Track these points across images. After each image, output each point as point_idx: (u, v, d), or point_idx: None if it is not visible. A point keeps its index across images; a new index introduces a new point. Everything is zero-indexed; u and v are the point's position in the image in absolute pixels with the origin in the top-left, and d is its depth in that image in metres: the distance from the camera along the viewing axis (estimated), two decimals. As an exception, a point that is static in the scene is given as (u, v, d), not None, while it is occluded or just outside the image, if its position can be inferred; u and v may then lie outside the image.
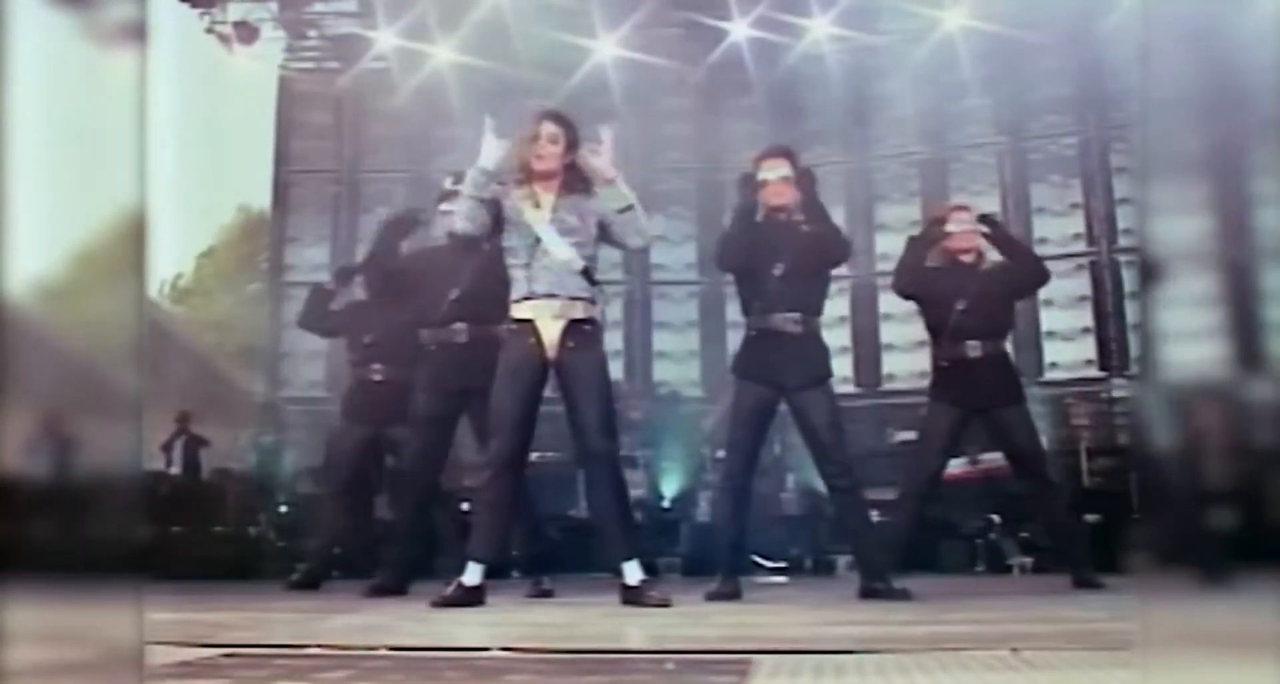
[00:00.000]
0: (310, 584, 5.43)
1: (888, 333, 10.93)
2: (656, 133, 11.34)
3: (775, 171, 4.42)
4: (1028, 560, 7.07)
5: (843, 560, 7.22)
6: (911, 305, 10.77)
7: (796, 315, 4.33)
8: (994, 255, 5.02)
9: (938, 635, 2.63)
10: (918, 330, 10.69)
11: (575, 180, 4.09)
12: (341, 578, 6.03)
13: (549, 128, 4.07)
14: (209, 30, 10.49)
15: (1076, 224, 10.57)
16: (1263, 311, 1.53)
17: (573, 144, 4.08)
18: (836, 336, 9.12)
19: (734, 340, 11.04)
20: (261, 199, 20.63)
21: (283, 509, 7.99)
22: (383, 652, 2.39)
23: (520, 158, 4.08)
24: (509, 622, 3.37)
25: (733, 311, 11.26)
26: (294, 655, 2.35)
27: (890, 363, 10.90)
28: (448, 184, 5.02)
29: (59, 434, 1.38)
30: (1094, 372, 10.39)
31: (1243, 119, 1.59)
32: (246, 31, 10.64)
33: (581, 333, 3.98)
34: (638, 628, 2.97)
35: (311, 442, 9.32)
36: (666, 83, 11.37)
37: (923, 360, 10.87)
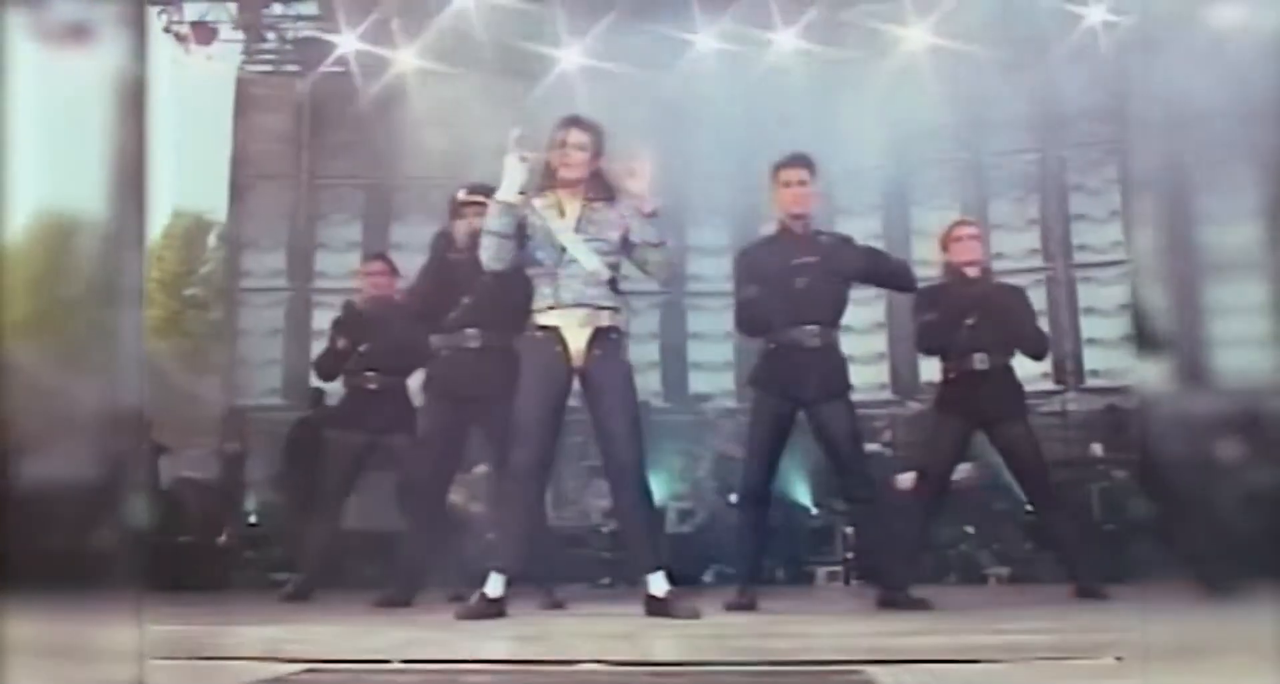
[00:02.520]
0: (302, 596, 5.32)
1: (847, 345, 11.00)
2: (616, 141, 11.32)
3: (795, 178, 4.42)
4: (1004, 571, 7.16)
5: (822, 571, 7.25)
6: (872, 318, 11.00)
7: (816, 328, 4.34)
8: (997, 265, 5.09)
9: (1022, 645, 2.64)
10: (879, 342, 10.96)
11: (600, 188, 4.03)
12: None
13: (576, 135, 4.00)
14: (166, 29, 10.25)
15: (1033, 240, 10.77)
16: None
17: (599, 151, 4.03)
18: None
19: (695, 351, 11.27)
20: (200, 203, 20.33)
21: (251, 519, 7.82)
22: (473, 666, 2.34)
23: (546, 165, 4.03)
24: (566, 633, 3.31)
25: (694, 322, 11.41)
26: (384, 671, 2.29)
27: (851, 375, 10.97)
28: (461, 195, 4.94)
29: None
30: (1049, 385, 10.56)
31: (1194, 136, 1.63)
32: (204, 32, 10.44)
33: (608, 341, 3.93)
34: (710, 640, 2.94)
35: (270, 451, 9.15)
36: (629, 93, 11.36)
37: (883, 373, 11.04)
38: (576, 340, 3.89)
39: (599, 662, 2.28)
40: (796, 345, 4.34)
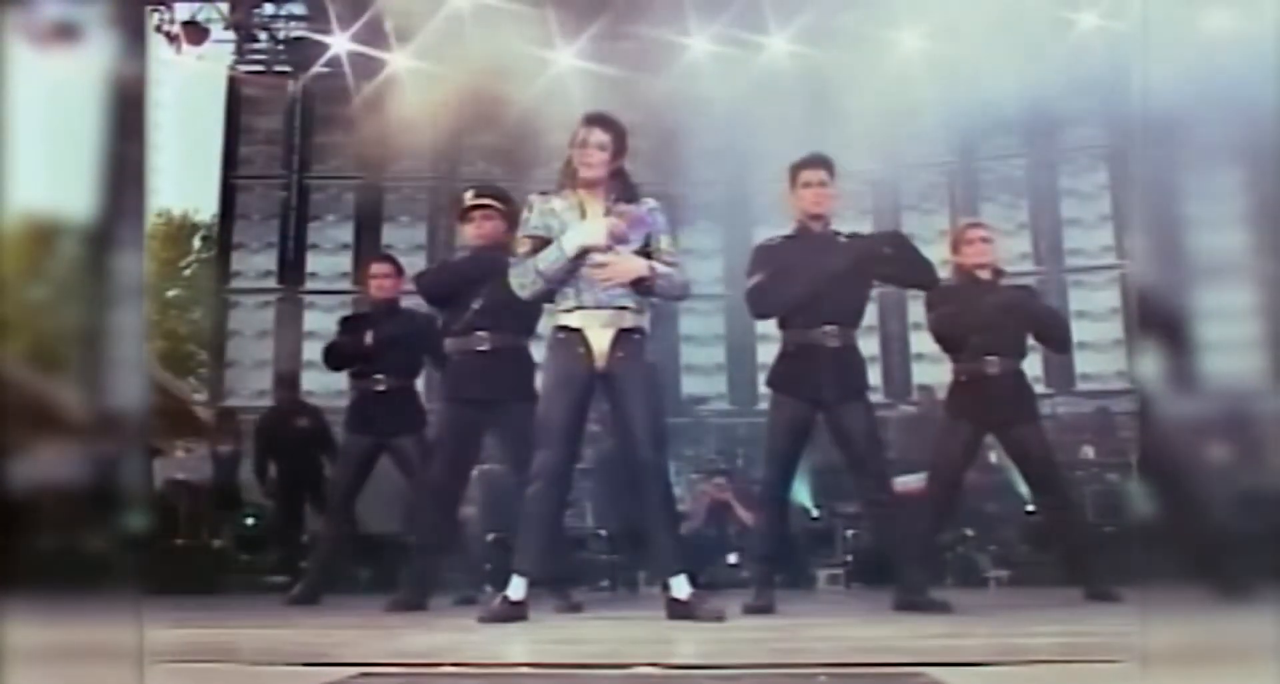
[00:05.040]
0: (310, 599, 5.28)
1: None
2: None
3: (815, 179, 4.41)
4: (1004, 573, 7.17)
5: (823, 574, 7.24)
6: (864, 321, 10.98)
7: (835, 328, 4.33)
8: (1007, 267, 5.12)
9: (1066, 646, 2.64)
10: (871, 345, 10.96)
11: (622, 188, 4.01)
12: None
13: (597, 134, 3.95)
14: (157, 29, 10.16)
15: (1024, 244, 10.81)
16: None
17: (620, 151, 4.00)
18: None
19: (688, 354, 11.24)
20: (183, 203, 20.21)
21: (248, 521, 7.76)
22: (526, 669, 2.32)
23: (566, 163, 4.01)
24: (596, 637, 3.28)
25: (686, 325, 11.38)
26: (438, 675, 2.26)
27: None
28: (468, 198, 4.93)
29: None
30: (1040, 388, 10.58)
31: (1185, 141, 1.64)
32: (196, 32, 10.36)
33: (630, 342, 3.90)
34: (750, 643, 2.92)
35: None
36: (621, 96, 11.33)
37: (874, 376, 11.03)
38: (600, 341, 3.86)
39: (654, 665, 2.25)
40: (816, 346, 4.32)
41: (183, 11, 10.33)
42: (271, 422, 7.96)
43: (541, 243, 3.91)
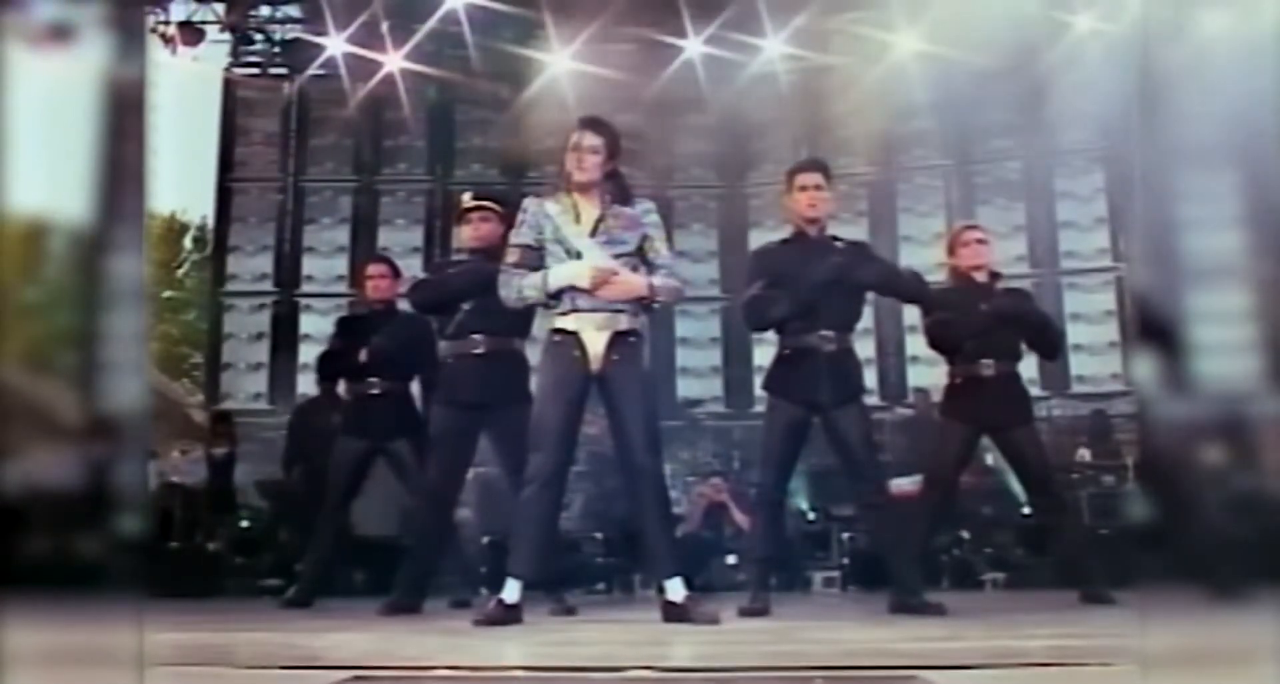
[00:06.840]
0: (304, 603, 5.27)
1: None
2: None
3: (811, 183, 4.41)
4: (999, 576, 7.18)
5: (819, 576, 7.25)
6: (860, 324, 10.98)
7: (831, 332, 4.33)
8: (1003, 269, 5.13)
9: (1065, 649, 2.64)
10: (866, 347, 10.96)
11: (617, 190, 4.01)
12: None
13: (589, 138, 3.96)
14: (152, 30, 10.14)
15: (1020, 246, 10.81)
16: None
17: (613, 153, 4.00)
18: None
19: (683, 357, 11.23)
20: (175, 204, 20.20)
21: (243, 524, 7.75)
22: (521, 672, 2.31)
23: (560, 167, 4.01)
24: (591, 640, 3.28)
25: (682, 327, 11.38)
26: (430, 678, 2.25)
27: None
28: (467, 200, 4.93)
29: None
30: (1035, 391, 10.59)
31: (1181, 143, 1.64)
32: (191, 33, 10.35)
33: (626, 345, 3.89)
34: (746, 645, 2.92)
35: (257, 455, 9.08)
36: (617, 98, 11.33)
37: (870, 378, 11.03)
38: (595, 344, 3.85)
39: (648, 668, 2.24)
40: (812, 350, 4.32)
41: (178, 13, 10.31)
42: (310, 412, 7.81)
43: (528, 252, 3.93)
